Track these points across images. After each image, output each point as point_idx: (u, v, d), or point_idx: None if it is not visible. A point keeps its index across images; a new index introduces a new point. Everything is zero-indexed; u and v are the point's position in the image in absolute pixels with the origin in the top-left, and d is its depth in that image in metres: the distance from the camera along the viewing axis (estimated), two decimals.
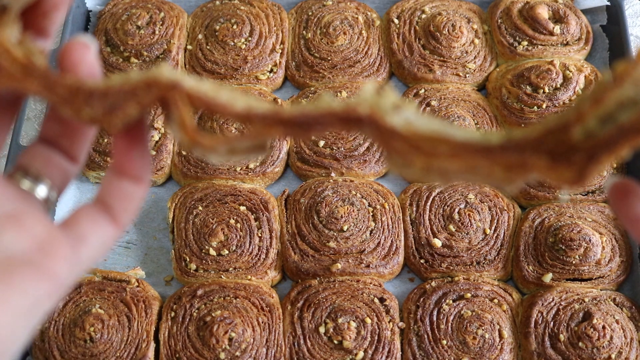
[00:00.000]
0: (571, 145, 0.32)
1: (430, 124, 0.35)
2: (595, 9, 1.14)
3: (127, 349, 0.88)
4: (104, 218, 0.41)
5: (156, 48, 1.10)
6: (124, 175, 0.41)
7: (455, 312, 0.91)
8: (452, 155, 0.33)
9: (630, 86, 0.31)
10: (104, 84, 0.37)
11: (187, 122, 0.36)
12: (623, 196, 0.39)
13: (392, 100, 0.35)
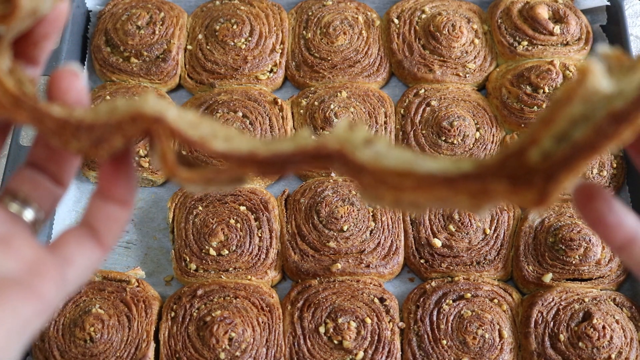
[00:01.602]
0: (529, 168, 0.32)
1: (400, 156, 0.35)
2: (595, 9, 1.14)
3: (127, 349, 0.88)
4: (90, 240, 0.42)
5: (156, 48, 1.10)
6: (110, 199, 0.42)
7: (455, 312, 0.91)
8: (417, 188, 0.34)
9: (579, 104, 0.32)
10: (91, 117, 0.38)
11: (167, 155, 0.37)
12: (587, 199, 0.39)
13: (363, 135, 0.36)
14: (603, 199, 0.39)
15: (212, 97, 1.07)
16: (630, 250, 0.40)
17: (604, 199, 0.39)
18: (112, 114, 0.38)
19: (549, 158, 0.32)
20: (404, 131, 1.05)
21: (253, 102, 1.07)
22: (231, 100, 1.06)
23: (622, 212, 0.40)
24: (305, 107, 1.07)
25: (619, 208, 0.40)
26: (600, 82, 0.32)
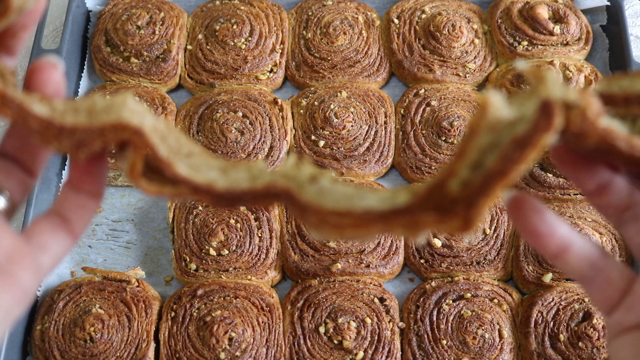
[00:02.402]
0: (452, 198, 0.35)
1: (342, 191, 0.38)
2: (595, 9, 1.14)
3: (127, 349, 0.88)
4: (62, 228, 0.43)
5: (156, 48, 1.10)
6: (81, 190, 0.43)
7: (455, 312, 0.91)
8: (355, 225, 0.37)
9: (486, 134, 0.34)
10: (73, 120, 0.40)
11: (136, 165, 0.39)
12: (519, 210, 0.41)
13: (309, 172, 0.39)
14: (534, 210, 0.41)
15: (212, 97, 1.07)
16: (565, 259, 0.42)
17: (535, 209, 0.41)
18: (92, 116, 0.40)
19: (468, 187, 0.34)
20: (404, 131, 1.05)
21: (253, 102, 1.07)
22: (231, 100, 1.06)
23: (554, 221, 0.41)
24: (305, 107, 1.07)
25: (551, 218, 0.41)
26: (501, 112, 0.34)
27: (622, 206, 0.43)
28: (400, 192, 0.37)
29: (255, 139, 1.03)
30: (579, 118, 0.36)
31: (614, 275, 0.43)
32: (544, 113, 0.34)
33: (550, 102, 0.34)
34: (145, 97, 1.07)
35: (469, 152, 0.35)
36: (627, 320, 0.42)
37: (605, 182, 0.42)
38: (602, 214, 0.44)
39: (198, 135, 1.05)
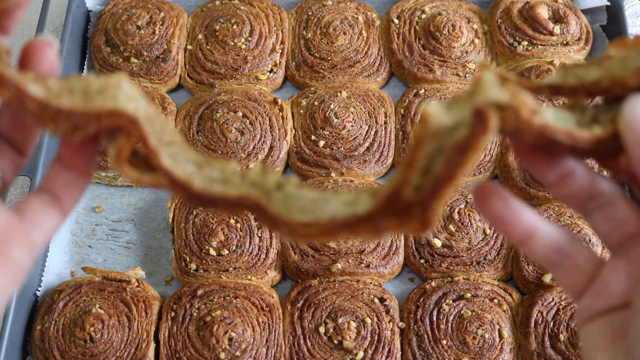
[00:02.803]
0: (408, 203, 0.37)
1: (308, 196, 0.40)
2: (595, 9, 1.14)
3: (127, 349, 0.88)
4: (52, 205, 0.43)
5: (156, 48, 1.10)
6: (72, 168, 0.43)
7: (455, 312, 0.91)
8: (323, 234, 0.39)
9: (430, 142, 0.37)
10: (69, 104, 0.40)
11: (123, 151, 0.40)
12: (484, 198, 0.42)
13: (275, 179, 0.41)
14: (499, 197, 0.42)
15: (212, 97, 1.07)
16: (531, 245, 0.43)
17: (500, 197, 0.42)
18: (87, 97, 0.40)
19: (421, 191, 0.37)
20: (404, 131, 1.05)
21: (253, 102, 1.07)
22: (231, 100, 1.06)
23: (518, 208, 0.42)
24: (305, 107, 1.07)
25: (516, 205, 0.42)
26: (440, 120, 0.37)
27: (585, 196, 0.44)
28: (362, 195, 0.40)
29: (255, 139, 1.03)
30: (512, 118, 0.38)
31: (580, 261, 0.43)
32: (478, 118, 0.36)
33: (481, 108, 0.36)
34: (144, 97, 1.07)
35: (418, 161, 0.37)
36: (596, 305, 0.43)
37: (566, 172, 0.43)
38: (567, 204, 0.45)
39: (198, 135, 1.05)
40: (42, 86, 0.40)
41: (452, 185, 0.36)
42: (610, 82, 0.41)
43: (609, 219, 0.43)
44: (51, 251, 0.97)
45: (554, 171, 0.43)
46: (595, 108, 0.42)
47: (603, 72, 0.41)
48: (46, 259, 0.96)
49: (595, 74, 0.41)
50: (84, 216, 1.03)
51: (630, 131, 0.40)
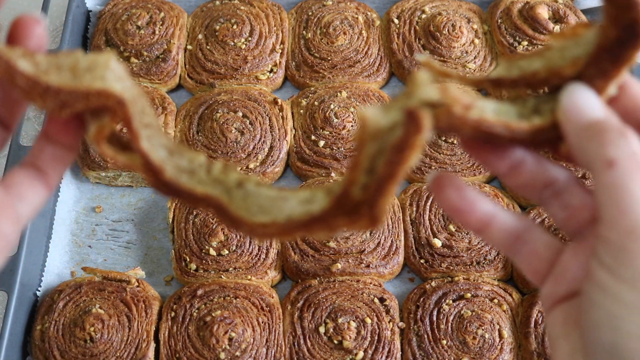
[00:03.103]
0: (356, 202, 0.39)
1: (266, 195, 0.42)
2: (595, 9, 1.14)
3: (127, 349, 0.88)
4: (38, 179, 0.44)
5: (156, 48, 1.10)
6: (57, 143, 0.44)
7: (455, 312, 0.91)
8: (280, 233, 0.41)
9: (371, 143, 0.38)
10: (58, 81, 0.41)
11: (104, 130, 0.41)
12: (440, 187, 0.43)
13: (236, 177, 0.43)
14: (455, 187, 0.43)
15: (212, 97, 1.07)
16: (488, 233, 0.44)
17: (455, 187, 0.43)
18: (75, 74, 0.41)
19: (367, 190, 0.39)
20: None
21: (253, 102, 1.07)
22: (231, 100, 1.06)
23: (474, 198, 0.43)
24: (305, 107, 1.07)
25: (471, 194, 0.43)
26: (378, 122, 0.38)
27: (539, 185, 0.44)
28: (317, 193, 0.42)
29: (255, 139, 1.03)
30: (445, 115, 0.39)
31: (539, 247, 0.44)
32: (410, 119, 0.37)
33: (412, 109, 0.37)
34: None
35: (361, 162, 0.39)
36: (557, 291, 0.43)
37: (516, 162, 0.43)
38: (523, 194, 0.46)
39: (198, 135, 1.05)
40: (31, 61, 0.41)
41: (394, 183, 0.38)
42: (548, 73, 0.42)
43: (564, 206, 0.44)
44: (51, 251, 0.97)
45: (502, 162, 0.44)
46: (537, 98, 0.43)
47: (544, 62, 0.42)
48: (46, 259, 0.96)
49: (537, 65, 0.42)
50: (84, 216, 1.03)
51: (567, 120, 0.40)
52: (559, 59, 0.42)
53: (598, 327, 0.37)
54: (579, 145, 0.40)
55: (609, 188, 0.37)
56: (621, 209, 0.37)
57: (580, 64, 0.41)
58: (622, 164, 0.37)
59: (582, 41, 0.42)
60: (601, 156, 0.38)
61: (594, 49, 0.40)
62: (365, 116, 0.38)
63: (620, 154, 0.37)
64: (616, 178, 0.37)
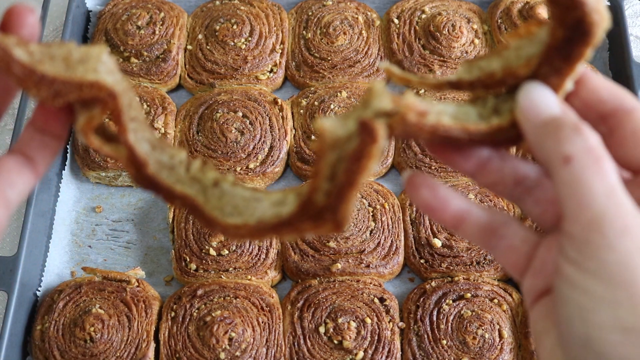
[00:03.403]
0: (320, 208, 0.41)
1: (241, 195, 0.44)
2: None
3: (127, 349, 0.88)
4: (26, 166, 0.45)
5: (156, 48, 1.10)
6: (46, 132, 0.45)
7: (455, 312, 0.91)
8: (251, 235, 0.43)
9: (331, 152, 0.40)
10: (53, 71, 0.42)
11: (93, 121, 0.42)
12: (414, 187, 0.44)
13: (213, 176, 0.44)
14: (428, 186, 0.44)
15: (212, 97, 1.07)
16: (463, 229, 0.45)
17: (428, 186, 0.44)
18: (68, 65, 0.42)
19: (329, 196, 0.40)
20: None
21: (253, 102, 1.07)
22: (231, 100, 1.06)
23: (447, 195, 0.44)
24: (305, 107, 1.07)
25: (444, 192, 0.44)
26: (335, 133, 0.40)
27: (509, 182, 0.45)
28: (288, 196, 0.43)
29: (255, 139, 1.03)
30: (399, 123, 0.40)
31: (516, 241, 0.44)
32: (364, 130, 0.38)
33: (365, 120, 0.39)
34: (145, 97, 1.07)
35: (322, 171, 0.40)
36: (536, 286, 0.43)
37: (482, 162, 0.44)
38: (495, 193, 0.46)
39: (198, 135, 1.05)
40: (25, 50, 0.42)
41: (355, 189, 0.40)
42: (504, 73, 0.43)
43: (538, 201, 0.44)
44: (51, 251, 0.97)
45: (469, 162, 0.44)
46: (496, 98, 0.44)
47: (502, 62, 0.44)
48: (46, 259, 0.96)
49: (495, 65, 0.44)
50: (84, 216, 1.03)
51: (525, 119, 0.41)
52: (515, 58, 0.43)
53: (570, 321, 0.38)
54: (536, 143, 0.41)
55: (568, 184, 0.38)
56: (581, 203, 0.37)
57: (534, 63, 0.42)
58: (578, 159, 0.38)
59: (536, 39, 0.43)
60: (558, 153, 0.39)
61: (545, 49, 0.41)
62: (323, 127, 0.40)
63: (576, 150, 0.38)
64: (573, 174, 0.38)
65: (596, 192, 0.37)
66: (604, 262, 0.37)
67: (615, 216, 0.37)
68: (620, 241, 0.36)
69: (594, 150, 0.38)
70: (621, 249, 0.36)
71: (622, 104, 0.42)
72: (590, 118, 0.43)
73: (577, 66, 0.41)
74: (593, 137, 0.38)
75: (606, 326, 0.36)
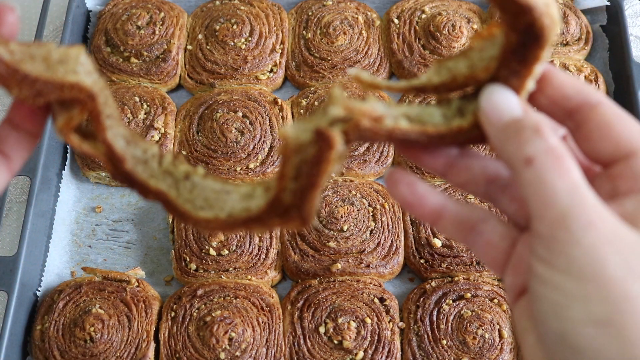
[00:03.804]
0: (286, 206, 0.43)
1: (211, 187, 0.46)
2: (595, 9, 1.14)
3: (127, 349, 0.88)
4: (2, 163, 0.46)
5: (156, 48, 1.10)
6: (22, 130, 0.46)
7: (455, 312, 0.91)
8: (222, 228, 0.45)
9: (294, 155, 0.42)
10: (36, 71, 0.43)
11: (73, 121, 0.44)
12: (393, 184, 0.45)
13: (184, 169, 0.46)
14: (406, 183, 0.45)
15: (212, 97, 1.07)
16: (442, 224, 0.46)
17: (407, 183, 0.45)
18: (48, 65, 0.43)
19: (295, 195, 0.43)
20: None
21: (253, 102, 1.07)
22: (231, 100, 1.06)
23: (425, 192, 0.45)
24: (305, 107, 1.07)
25: (422, 189, 0.45)
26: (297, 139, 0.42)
27: (482, 181, 0.45)
28: (257, 189, 0.45)
29: (255, 139, 1.03)
30: (354, 129, 0.42)
31: (494, 238, 0.45)
32: (320, 137, 0.41)
33: (320, 130, 0.41)
34: (145, 97, 1.07)
35: (287, 172, 0.43)
36: (516, 282, 0.44)
37: (451, 161, 0.45)
38: (470, 193, 0.47)
39: (198, 135, 1.05)
40: (6, 49, 0.42)
41: (318, 190, 0.42)
42: (465, 78, 0.44)
43: (513, 199, 0.45)
44: (51, 251, 0.97)
45: (437, 160, 0.45)
46: (461, 99, 0.45)
47: (467, 63, 0.44)
48: (46, 259, 0.96)
49: (462, 65, 0.44)
50: (84, 216, 1.03)
51: (487, 122, 0.42)
52: (479, 60, 0.44)
53: (545, 317, 0.39)
54: (499, 146, 0.41)
55: (531, 184, 0.39)
56: (545, 202, 0.38)
57: (493, 67, 0.43)
58: (539, 160, 0.39)
59: (496, 41, 0.43)
60: (519, 155, 0.39)
61: (501, 53, 0.42)
62: (286, 135, 0.42)
63: (536, 151, 0.39)
64: (536, 174, 0.38)
65: (559, 190, 0.38)
66: (572, 257, 0.37)
67: (580, 212, 0.37)
68: (586, 236, 0.37)
69: (555, 150, 0.39)
70: (587, 243, 0.37)
71: (587, 99, 0.42)
72: (557, 115, 0.44)
73: (535, 68, 0.42)
74: (553, 137, 0.39)
75: (579, 321, 0.37)
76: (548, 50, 0.41)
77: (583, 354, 0.37)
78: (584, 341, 0.37)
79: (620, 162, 0.42)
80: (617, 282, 0.36)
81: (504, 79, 0.43)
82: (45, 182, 0.99)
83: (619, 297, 0.36)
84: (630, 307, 0.36)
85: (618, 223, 0.38)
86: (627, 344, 0.36)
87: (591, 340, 0.37)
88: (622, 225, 0.38)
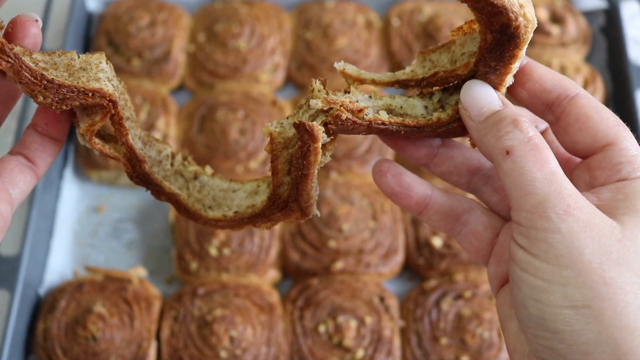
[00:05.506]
0: (285, 199, 0.46)
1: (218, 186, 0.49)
2: (593, 11, 1.15)
3: (129, 348, 0.89)
4: (28, 168, 0.48)
5: (157, 49, 1.11)
6: (46, 135, 0.48)
7: (454, 311, 0.91)
8: (230, 226, 0.48)
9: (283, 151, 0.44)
10: (61, 78, 0.44)
11: (95, 125, 0.46)
12: (380, 175, 0.47)
13: (193, 169, 0.49)
14: (393, 174, 0.47)
15: (213, 98, 1.08)
16: (427, 214, 0.47)
17: (394, 173, 0.47)
18: (70, 72, 0.45)
19: (291, 188, 0.44)
20: None
21: (253, 102, 1.07)
22: (232, 101, 1.07)
23: (411, 182, 0.47)
24: None
25: (409, 179, 0.47)
26: (282, 135, 0.44)
27: (464, 172, 0.47)
28: (261, 184, 0.48)
29: (256, 139, 1.04)
30: (335, 121, 0.44)
31: (479, 228, 0.46)
32: (301, 130, 0.42)
33: (302, 123, 0.43)
34: (146, 98, 1.08)
35: (279, 168, 0.44)
36: (499, 271, 0.45)
37: (432, 152, 0.47)
38: (454, 185, 0.48)
39: (199, 135, 1.05)
40: (30, 59, 0.44)
41: (310, 181, 0.44)
42: (446, 73, 0.45)
43: (495, 190, 0.46)
44: (53, 251, 0.98)
45: (419, 150, 0.47)
46: (443, 92, 0.47)
47: (450, 56, 0.46)
48: (48, 258, 0.97)
49: (444, 58, 0.46)
50: (86, 216, 1.03)
51: (467, 116, 0.44)
52: (460, 54, 0.45)
53: (525, 302, 0.40)
54: (479, 138, 0.43)
55: (510, 175, 0.40)
56: (524, 191, 0.40)
57: (472, 63, 0.44)
58: (518, 151, 0.40)
59: (476, 36, 0.45)
60: (499, 147, 0.41)
61: (478, 51, 0.44)
62: (271, 132, 0.44)
63: (515, 142, 0.40)
64: (514, 165, 0.40)
65: (537, 180, 0.39)
66: (550, 244, 0.39)
67: (557, 200, 0.39)
68: (564, 222, 0.38)
69: (532, 141, 0.40)
70: (565, 230, 0.38)
71: (566, 92, 0.44)
72: (537, 108, 0.45)
73: (511, 66, 0.43)
74: (531, 129, 0.41)
75: (558, 305, 0.38)
76: (525, 48, 0.43)
77: (562, 336, 0.38)
78: (562, 324, 0.38)
79: (597, 153, 0.43)
80: (594, 268, 0.38)
81: (483, 75, 0.44)
82: (48, 182, 0.99)
83: (596, 282, 0.38)
84: (606, 292, 0.38)
85: (595, 211, 0.39)
86: (604, 326, 0.38)
87: (570, 323, 0.38)
88: (598, 213, 0.39)
